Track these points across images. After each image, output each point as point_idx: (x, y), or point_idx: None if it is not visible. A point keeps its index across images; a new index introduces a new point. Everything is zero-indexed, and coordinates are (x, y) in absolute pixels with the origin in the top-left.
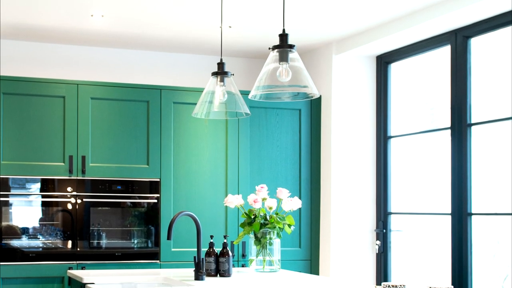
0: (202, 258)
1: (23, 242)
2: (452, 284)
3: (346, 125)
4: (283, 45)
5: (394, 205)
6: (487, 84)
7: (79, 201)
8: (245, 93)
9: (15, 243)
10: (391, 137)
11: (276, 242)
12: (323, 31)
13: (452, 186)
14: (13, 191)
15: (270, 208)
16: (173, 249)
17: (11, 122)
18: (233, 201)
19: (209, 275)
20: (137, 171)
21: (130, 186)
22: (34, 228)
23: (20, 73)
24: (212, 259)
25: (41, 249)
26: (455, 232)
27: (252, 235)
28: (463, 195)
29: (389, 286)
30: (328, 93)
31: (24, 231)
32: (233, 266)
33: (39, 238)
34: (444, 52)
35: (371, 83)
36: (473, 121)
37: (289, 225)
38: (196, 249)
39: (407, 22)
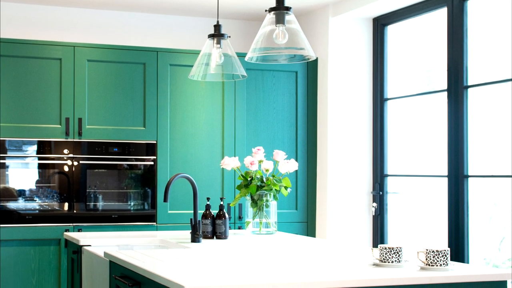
0: (199, 220)
1: (19, 204)
2: (448, 246)
3: (343, 87)
4: (280, 7)
5: (390, 167)
6: (483, 46)
7: (75, 163)
8: (241, 55)
9: (11, 205)
10: (387, 99)
11: (273, 204)
12: None
13: (449, 148)
14: (9, 153)
15: (267, 170)
16: (169, 211)
17: (8, 84)
18: (230, 163)
19: (205, 237)
20: (133, 133)
21: (126, 148)
22: (30, 190)
23: (17, 35)
24: (208, 221)
25: (37, 211)
26: (452, 194)
27: (248, 197)
28: (459, 157)
29: (385, 248)
30: (324, 55)
31: (21, 193)
32: (230, 228)
33: (35, 200)
34: (441, 14)
35: (368, 45)
36: (469, 83)
37: (286, 187)
38: (192, 211)
39: None
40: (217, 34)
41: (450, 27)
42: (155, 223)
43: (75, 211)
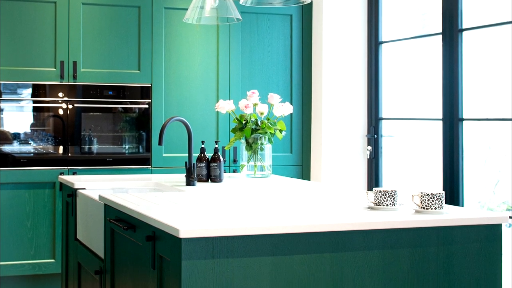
0: (194, 164)
1: (14, 147)
2: (443, 190)
3: (337, 30)
4: None
5: (385, 110)
6: None
7: (70, 106)
8: None
9: (6, 148)
10: (382, 42)
11: (267, 147)
12: None
13: (444, 92)
14: (4, 97)
15: (262, 113)
16: (164, 155)
17: (2, 28)
18: (224, 106)
19: (200, 180)
20: (128, 77)
21: (121, 92)
22: (25, 133)
23: None
24: (203, 164)
25: (32, 154)
26: (447, 138)
27: (243, 141)
28: (454, 100)
29: (380, 191)
30: None
31: (16, 136)
32: (225, 171)
33: (30, 144)
34: None
35: None
36: (464, 27)
37: (280, 131)
38: (187, 155)
39: None
40: None
41: None
42: (150, 166)
43: (70, 155)
